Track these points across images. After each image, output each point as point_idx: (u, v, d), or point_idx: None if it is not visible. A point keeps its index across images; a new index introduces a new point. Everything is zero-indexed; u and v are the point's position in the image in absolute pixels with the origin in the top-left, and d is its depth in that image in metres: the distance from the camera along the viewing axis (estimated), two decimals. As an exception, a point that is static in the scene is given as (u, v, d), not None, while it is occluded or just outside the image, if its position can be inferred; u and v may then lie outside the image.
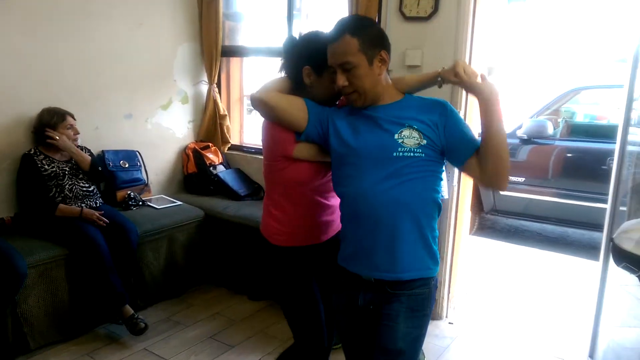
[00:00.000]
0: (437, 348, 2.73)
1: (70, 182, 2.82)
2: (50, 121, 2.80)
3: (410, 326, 1.52)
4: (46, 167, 2.77)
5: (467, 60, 2.78)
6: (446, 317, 3.04)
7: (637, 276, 1.62)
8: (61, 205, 2.74)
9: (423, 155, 1.45)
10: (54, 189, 2.78)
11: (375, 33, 1.50)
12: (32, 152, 2.80)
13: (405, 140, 1.46)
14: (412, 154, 1.45)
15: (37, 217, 2.75)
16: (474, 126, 2.76)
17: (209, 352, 2.61)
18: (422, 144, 1.45)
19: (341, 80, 1.47)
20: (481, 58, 2.89)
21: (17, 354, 2.49)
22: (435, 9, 2.79)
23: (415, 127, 1.47)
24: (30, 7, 2.88)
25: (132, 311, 2.70)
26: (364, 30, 1.47)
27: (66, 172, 2.82)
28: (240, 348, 2.68)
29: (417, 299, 1.52)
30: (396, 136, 1.46)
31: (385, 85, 1.54)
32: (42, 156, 2.80)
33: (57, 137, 2.78)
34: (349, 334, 1.66)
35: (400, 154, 1.45)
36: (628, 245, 1.60)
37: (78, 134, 2.92)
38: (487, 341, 2.83)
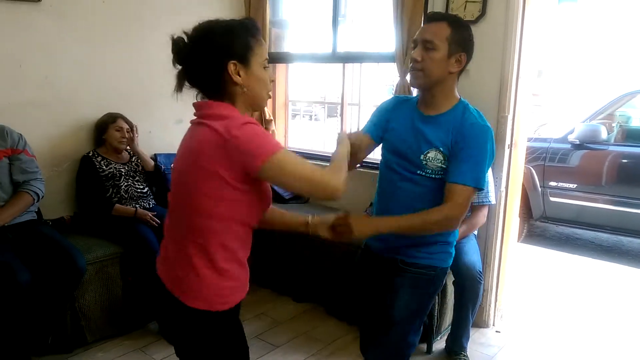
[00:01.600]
0: (483, 356, 2.68)
1: (126, 183, 2.96)
2: (104, 122, 2.98)
3: (408, 300, 1.68)
4: (104, 167, 2.92)
5: (515, 64, 2.73)
6: (493, 325, 2.98)
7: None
8: (117, 205, 2.87)
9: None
10: (111, 190, 2.91)
11: (466, 36, 1.62)
12: (90, 154, 2.95)
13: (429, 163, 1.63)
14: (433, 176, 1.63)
15: (95, 216, 2.89)
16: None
17: (254, 351, 2.61)
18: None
19: (417, 53, 1.59)
20: (530, 61, 2.83)
21: (75, 347, 2.62)
22: (483, 12, 2.75)
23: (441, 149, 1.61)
24: (86, 17, 3.05)
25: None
26: (460, 27, 1.60)
27: (122, 174, 2.96)
28: (285, 348, 2.72)
29: (421, 278, 1.69)
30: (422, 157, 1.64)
31: (449, 86, 1.64)
32: (100, 158, 2.95)
33: (137, 134, 3.01)
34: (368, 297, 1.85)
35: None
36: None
37: (125, 138, 2.98)
38: (535, 351, 2.76)
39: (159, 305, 1.41)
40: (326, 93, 4.78)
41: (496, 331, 2.94)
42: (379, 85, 4.58)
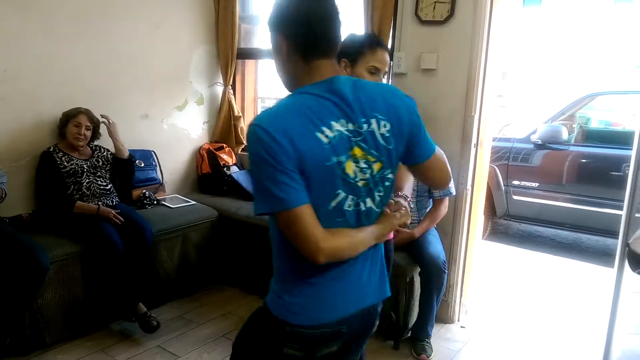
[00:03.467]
0: (448, 352, 2.72)
1: (88, 180, 2.87)
2: (66, 115, 2.89)
3: None
4: (65, 164, 2.82)
5: (482, 64, 2.78)
6: (458, 320, 3.04)
7: (652, 282, 1.61)
8: (78, 203, 2.78)
9: None
10: (72, 187, 2.82)
11: (276, 7, 1.24)
12: (51, 150, 2.85)
13: None
14: None
15: (55, 213, 2.79)
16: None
17: (221, 351, 2.63)
18: None
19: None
20: (497, 62, 2.89)
21: (33, 349, 2.53)
22: (452, 13, 2.79)
23: None
24: (49, 8, 2.94)
25: (145, 309, 2.73)
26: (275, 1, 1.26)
27: (84, 170, 2.87)
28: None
29: None
30: None
31: (302, 78, 1.23)
32: (61, 153, 2.85)
33: (111, 121, 2.96)
34: None
35: None
36: (644, 251, 1.59)
37: (81, 135, 2.85)
38: (498, 346, 2.82)
39: None
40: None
41: (461, 326, 3.00)
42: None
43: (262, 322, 1.28)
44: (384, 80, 2.14)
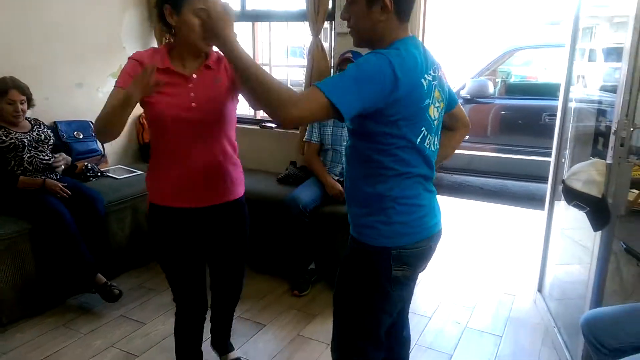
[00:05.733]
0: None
1: (29, 155, 2.72)
2: None
3: None
4: (4, 138, 2.65)
5: (421, 22, 2.91)
6: (407, 266, 3.26)
7: (584, 212, 1.85)
8: (22, 177, 2.65)
9: None
10: (12, 162, 2.67)
11: None
12: None
13: None
14: None
15: (3, 191, 2.65)
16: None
17: (187, 314, 2.67)
18: None
19: (342, 13, 1.40)
20: (433, 19, 3.03)
21: (-11, 330, 2.45)
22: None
23: None
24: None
25: (104, 279, 2.70)
26: None
27: (25, 144, 2.71)
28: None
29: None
30: None
31: (388, 37, 1.33)
32: None
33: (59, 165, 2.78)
34: None
35: None
36: (577, 185, 1.81)
37: (18, 112, 2.69)
38: (443, 283, 3.08)
39: None
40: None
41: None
42: (289, 45, 4.60)
43: (362, 260, 1.42)
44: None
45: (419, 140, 1.33)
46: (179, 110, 1.62)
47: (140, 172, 3.41)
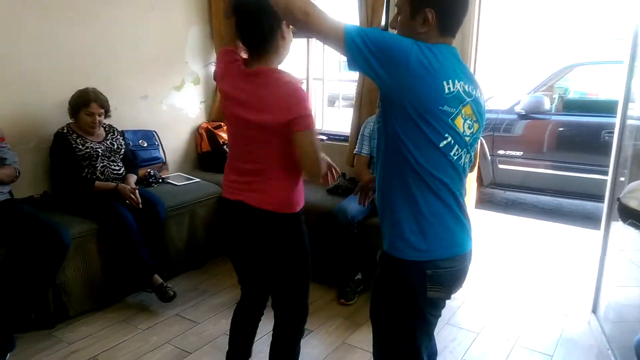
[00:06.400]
0: (448, 308, 2.90)
1: (102, 164, 2.91)
2: (77, 103, 2.87)
3: None
4: (80, 147, 2.86)
5: (474, 39, 2.92)
6: (455, 281, 3.24)
7: (640, 231, 1.80)
8: (97, 182, 2.86)
9: None
10: (86, 170, 2.88)
11: None
12: (65, 131, 2.88)
13: None
14: None
15: (74, 194, 2.86)
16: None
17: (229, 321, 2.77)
18: None
19: (392, 21, 1.45)
20: (487, 35, 3.03)
21: (58, 321, 2.64)
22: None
23: None
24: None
25: (160, 280, 2.85)
26: None
27: (99, 154, 2.91)
28: (267, 312, 2.84)
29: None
30: None
31: None
32: (75, 135, 2.89)
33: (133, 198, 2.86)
34: None
35: None
36: (633, 204, 1.77)
37: (95, 124, 2.88)
38: (495, 302, 3.04)
39: None
40: (289, 69, 4.88)
41: (458, 287, 3.20)
42: (341, 59, 4.71)
43: (396, 282, 1.41)
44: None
45: (442, 144, 1.31)
46: None
47: (198, 180, 3.58)
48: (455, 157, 1.34)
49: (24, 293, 2.44)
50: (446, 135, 1.31)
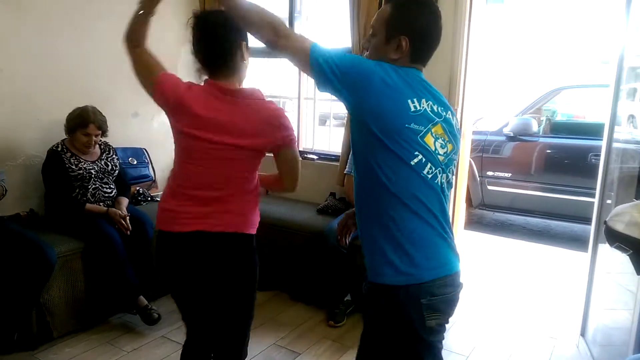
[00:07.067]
0: (438, 331, 2.90)
1: (94, 186, 2.87)
2: (75, 123, 2.81)
3: None
4: (73, 167, 2.80)
5: (463, 60, 2.97)
6: (445, 303, 3.22)
7: (627, 255, 1.81)
8: (88, 205, 2.82)
9: None
10: (78, 190, 2.83)
11: (410, 17, 1.36)
12: (59, 149, 2.82)
13: None
14: None
15: (64, 214, 2.81)
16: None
17: (224, 339, 2.73)
18: None
19: (364, 42, 1.47)
20: (476, 59, 3.08)
21: (41, 342, 2.59)
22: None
23: None
24: (42, 8, 2.98)
25: (146, 302, 2.80)
26: (404, 7, 1.38)
27: (92, 175, 2.86)
28: (254, 333, 2.72)
29: None
30: None
31: None
32: (69, 154, 2.83)
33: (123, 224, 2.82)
34: None
35: None
36: (619, 227, 1.77)
37: (91, 145, 2.84)
38: (483, 324, 3.03)
39: None
40: (279, 88, 4.90)
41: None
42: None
43: (393, 313, 1.35)
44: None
45: (414, 162, 1.30)
46: None
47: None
48: (429, 176, 1.33)
49: (8, 312, 2.40)
50: (416, 153, 1.31)
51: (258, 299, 3.24)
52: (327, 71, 1.29)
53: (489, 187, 5.01)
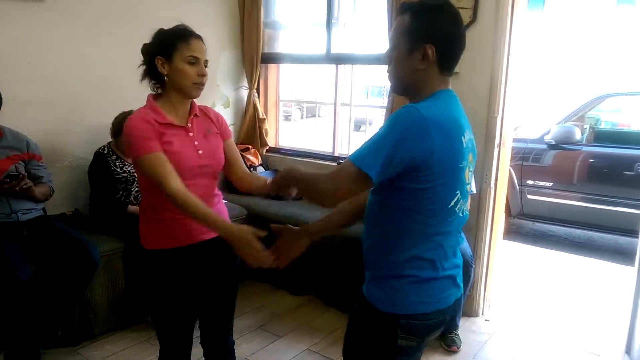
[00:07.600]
0: (475, 343, 2.84)
1: (137, 189, 2.92)
2: (119, 126, 2.84)
3: None
4: (118, 170, 2.88)
5: (504, 67, 2.91)
6: (482, 314, 3.16)
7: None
8: (130, 207, 2.89)
9: None
10: (121, 192, 2.90)
11: (431, 25, 1.26)
12: (105, 152, 2.90)
13: None
14: None
15: (108, 215, 2.89)
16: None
17: (259, 341, 2.77)
18: None
19: (384, 55, 1.36)
20: (518, 65, 3.02)
21: (83, 339, 2.67)
22: (474, 18, 2.92)
23: None
24: (93, 20, 3.12)
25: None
26: (424, 15, 1.27)
27: (135, 179, 2.91)
28: (288, 338, 2.82)
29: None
30: None
31: (425, 87, 1.29)
32: (114, 156, 2.91)
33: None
34: None
35: None
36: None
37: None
38: (523, 338, 2.94)
39: None
40: (315, 94, 4.94)
41: (485, 320, 3.12)
42: (369, 85, 4.75)
43: (369, 323, 1.35)
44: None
45: (451, 204, 1.25)
46: (190, 160, 1.67)
47: (225, 202, 3.58)
48: (457, 210, 1.29)
49: (53, 308, 2.49)
50: (456, 192, 1.26)
51: (292, 303, 3.29)
52: (388, 172, 1.18)
53: (529, 196, 4.88)
